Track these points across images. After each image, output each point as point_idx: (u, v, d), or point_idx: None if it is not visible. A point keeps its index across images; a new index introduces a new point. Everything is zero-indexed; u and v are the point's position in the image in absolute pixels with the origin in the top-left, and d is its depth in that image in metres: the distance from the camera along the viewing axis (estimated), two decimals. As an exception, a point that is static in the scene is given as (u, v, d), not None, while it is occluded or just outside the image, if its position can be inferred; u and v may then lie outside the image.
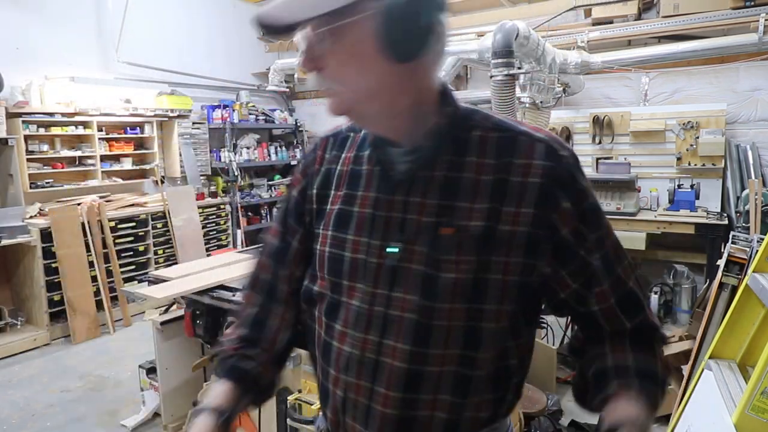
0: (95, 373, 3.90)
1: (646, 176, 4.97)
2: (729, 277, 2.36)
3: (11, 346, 4.25)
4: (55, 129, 4.78)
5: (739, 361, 1.62)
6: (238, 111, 6.38)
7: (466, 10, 5.84)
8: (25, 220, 4.46)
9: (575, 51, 4.33)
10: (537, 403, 2.89)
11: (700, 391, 1.67)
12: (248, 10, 7.13)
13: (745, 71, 4.66)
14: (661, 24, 4.54)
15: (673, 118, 4.80)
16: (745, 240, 2.66)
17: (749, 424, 1.28)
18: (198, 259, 3.38)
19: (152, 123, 5.54)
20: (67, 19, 5.11)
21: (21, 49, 4.79)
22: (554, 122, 5.18)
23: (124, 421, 3.16)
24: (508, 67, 2.80)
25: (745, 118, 4.71)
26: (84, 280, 4.62)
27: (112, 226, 4.94)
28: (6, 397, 3.55)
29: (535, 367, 3.12)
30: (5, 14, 4.69)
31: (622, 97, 5.26)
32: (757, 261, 1.59)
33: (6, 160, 4.48)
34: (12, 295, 4.73)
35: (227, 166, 6.21)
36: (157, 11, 5.94)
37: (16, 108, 4.50)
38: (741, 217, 4.02)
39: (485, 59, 3.80)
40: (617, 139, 5.09)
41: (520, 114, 3.23)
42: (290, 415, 2.11)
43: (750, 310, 1.62)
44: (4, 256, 4.61)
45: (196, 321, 2.57)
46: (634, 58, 4.36)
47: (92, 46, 5.33)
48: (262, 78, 7.02)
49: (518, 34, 2.87)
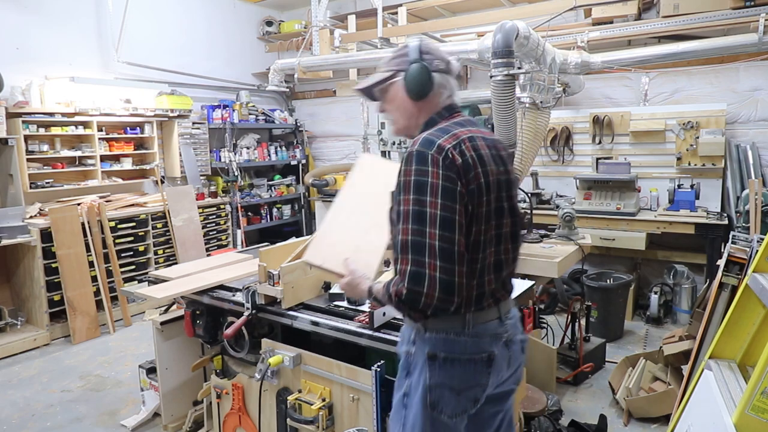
0: (95, 373, 3.90)
1: (646, 176, 4.97)
2: (729, 277, 2.36)
3: (11, 346, 4.25)
4: (55, 129, 4.78)
5: (739, 361, 1.62)
6: (238, 111, 6.39)
7: (466, 10, 5.84)
8: (25, 220, 4.46)
9: (575, 51, 4.33)
10: (537, 403, 2.89)
11: (700, 391, 1.67)
12: (248, 10, 7.14)
13: (745, 71, 4.67)
14: (661, 24, 4.54)
15: (673, 118, 4.81)
16: (745, 240, 2.66)
17: (749, 424, 1.28)
18: (198, 259, 3.38)
19: (152, 123, 5.54)
20: (67, 19, 5.12)
21: (21, 49, 4.80)
22: (554, 122, 5.18)
23: (124, 421, 3.16)
24: (508, 67, 2.79)
25: (745, 118, 4.71)
26: (84, 280, 4.62)
27: (112, 226, 4.94)
28: (6, 397, 3.55)
29: (535, 367, 3.12)
30: (5, 14, 4.69)
31: (622, 97, 5.26)
32: (757, 261, 1.59)
33: (6, 160, 4.48)
34: (12, 295, 4.73)
35: (227, 166, 6.21)
36: (157, 11, 5.94)
37: (16, 108, 4.51)
38: (741, 217, 4.02)
39: (485, 59, 3.80)
40: (617, 139, 5.09)
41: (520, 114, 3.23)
42: (290, 415, 2.11)
43: (750, 310, 1.62)
44: (4, 256, 4.61)
45: (196, 321, 2.57)
46: (634, 58, 4.36)
47: (92, 46, 5.34)
48: (262, 78, 7.01)
49: (518, 34, 2.87)
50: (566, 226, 3.56)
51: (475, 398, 1.48)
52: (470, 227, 1.40)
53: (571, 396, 3.40)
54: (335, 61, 5.17)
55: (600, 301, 4.26)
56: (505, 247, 1.52)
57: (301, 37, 6.66)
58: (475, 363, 1.45)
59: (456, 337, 1.44)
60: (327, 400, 2.04)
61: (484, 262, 1.45)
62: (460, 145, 1.40)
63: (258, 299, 2.23)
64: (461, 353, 1.44)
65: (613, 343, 4.17)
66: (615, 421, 3.08)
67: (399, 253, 1.37)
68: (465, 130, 1.46)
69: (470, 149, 1.41)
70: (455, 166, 1.36)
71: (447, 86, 1.55)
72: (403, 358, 1.53)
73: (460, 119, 1.54)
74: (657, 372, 3.27)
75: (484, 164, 1.43)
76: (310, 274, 2.26)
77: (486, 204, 1.43)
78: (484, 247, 1.44)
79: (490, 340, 1.47)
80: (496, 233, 1.47)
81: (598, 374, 3.66)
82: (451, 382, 1.44)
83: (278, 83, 5.69)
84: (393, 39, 5.41)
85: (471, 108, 5.53)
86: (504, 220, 1.50)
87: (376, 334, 1.92)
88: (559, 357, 3.54)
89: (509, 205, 1.52)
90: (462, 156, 1.38)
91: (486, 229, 1.44)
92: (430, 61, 1.51)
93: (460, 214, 1.35)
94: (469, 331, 1.45)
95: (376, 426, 1.84)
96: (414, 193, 1.35)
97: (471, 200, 1.39)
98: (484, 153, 1.45)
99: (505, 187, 1.50)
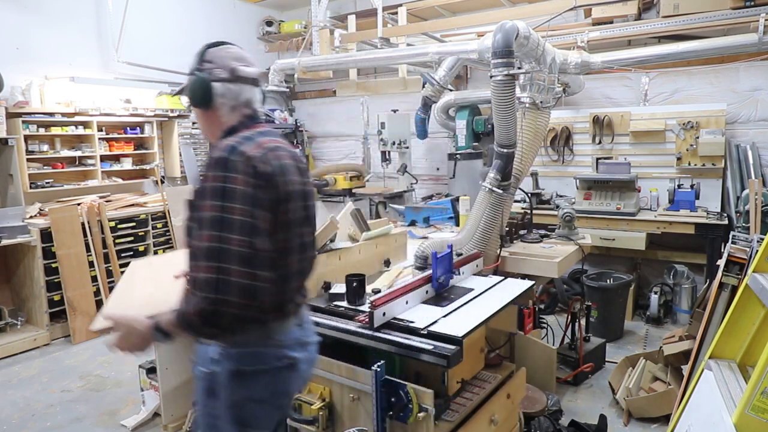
0: (95, 373, 3.90)
1: (646, 176, 4.97)
2: (729, 277, 2.36)
3: (11, 346, 4.25)
4: (55, 129, 4.78)
5: (739, 361, 1.62)
6: (238, 111, 6.37)
7: (466, 10, 5.84)
8: (25, 220, 4.46)
9: (575, 51, 4.33)
10: (537, 403, 2.89)
11: (700, 391, 1.67)
12: (248, 10, 7.14)
13: (745, 71, 4.66)
14: (661, 24, 4.54)
15: (673, 118, 4.80)
16: (745, 240, 2.66)
17: (749, 424, 1.28)
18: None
19: (152, 123, 5.54)
20: (67, 19, 5.11)
21: (21, 49, 4.80)
22: (554, 122, 5.18)
23: (124, 421, 3.16)
24: (508, 67, 2.79)
25: (745, 118, 4.71)
26: (84, 280, 4.62)
27: (112, 226, 4.94)
28: (6, 397, 3.55)
29: (535, 367, 3.12)
30: (5, 14, 4.69)
31: (622, 97, 5.26)
32: (757, 261, 1.59)
33: (6, 160, 4.48)
34: (12, 295, 4.73)
35: (227, 166, 6.19)
36: (157, 11, 5.94)
37: (16, 108, 4.51)
38: (741, 217, 4.02)
39: (485, 59, 3.80)
40: (617, 139, 5.09)
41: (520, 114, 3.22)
42: (290, 415, 2.11)
43: (750, 310, 1.62)
44: (4, 256, 4.61)
45: (196, 321, 2.57)
46: (634, 58, 4.35)
47: (92, 46, 5.33)
48: (262, 78, 7.00)
49: (518, 34, 2.87)
50: (566, 226, 3.56)
51: (282, 406, 1.54)
52: (277, 235, 1.40)
53: (571, 396, 3.40)
54: (335, 61, 5.17)
55: (600, 301, 4.26)
56: (308, 255, 1.57)
57: (301, 37, 6.65)
58: (280, 371, 1.46)
59: (262, 348, 1.44)
60: (327, 400, 2.04)
61: (290, 269, 1.48)
62: (266, 153, 1.41)
63: (258, 299, 2.22)
64: (267, 364, 1.44)
65: (613, 343, 4.17)
66: (615, 421, 3.07)
67: (197, 261, 1.32)
68: (268, 140, 1.47)
69: (275, 158, 1.43)
70: (259, 173, 1.36)
71: (232, 95, 1.52)
72: (205, 380, 1.49)
73: (264, 129, 1.54)
74: (657, 372, 3.27)
75: (288, 174, 1.45)
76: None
77: (291, 212, 1.45)
78: (290, 255, 1.47)
79: (293, 346, 1.50)
80: (300, 242, 1.50)
81: (598, 374, 3.66)
82: (260, 395, 1.45)
83: (278, 83, 5.69)
84: (393, 39, 5.41)
85: (471, 108, 5.53)
86: (306, 228, 1.54)
87: (376, 334, 1.92)
88: (559, 357, 3.54)
89: (307, 214, 1.55)
90: (267, 164, 1.38)
91: (291, 237, 1.46)
92: (210, 71, 1.51)
93: (263, 220, 1.36)
94: (273, 341, 1.46)
95: (376, 426, 1.84)
96: (216, 199, 1.32)
97: (276, 208, 1.40)
98: (287, 163, 1.47)
99: (305, 198, 1.54)
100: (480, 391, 2.14)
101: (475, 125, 5.46)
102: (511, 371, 2.37)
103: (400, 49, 4.97)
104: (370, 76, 6.78)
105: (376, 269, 2.69)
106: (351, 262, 2.48)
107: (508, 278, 2.54)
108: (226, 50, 1.56)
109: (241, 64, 1.54)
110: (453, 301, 2.19)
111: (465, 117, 5.46)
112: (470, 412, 2.04)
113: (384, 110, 5.94)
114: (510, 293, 2.30)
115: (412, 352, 1.82)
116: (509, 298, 2.24)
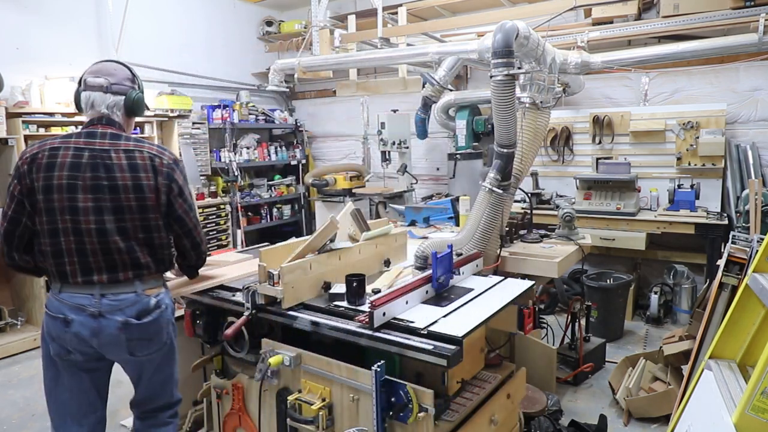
0: (95, 373, 3.89)
1: (646, 176, 4.97)
2: (729, 277, 2.36)
3: (11, 346, 4.25)
4: (55, 129, 4.77)
5: (739, 361, 1.62)
6: (238, 111, 6.39)
7: (466, 10, 5.84)
8: (25, 220, 4.45)
9: (575, 51, 4.32)
10: (537, 403, 2.89)
11: (700, 391, 1.67)
12: (248, 10, 7.14)
13: (745, 71, 4.67)
14: (661, 24, 4.54)
15: (673, 118, 4.81)
16: (745, 240, 2.66)
17: (749, 424, 1.28)
18: (198, 259, 3.37)
19: (152, 123, 5.54)
20: (67, 19, 5.12)
21: (21, 49, 4.80)
22: (554, 122, 5.18)
23: (124, 421, 3.16)
24: (508, 67, 2.78)
25: (745, 118, 4.71)
26: (84, 280, 4.61)
27: (112, 226, 4.93)
28: (6, 397, 3.55)
29: (535, 367, 3.12)
30: (5, 14, 4.69)
31: (622, 97, 5.26)
32: (757, 261, 1.59)
33: (6, 160, 4.48)
34: (12, 295, 4.73)
35: (227, 166, 6.21)
36: (157, 11, 5.94)
37: (16, 108, 4.51)
38: (741, 217, 4.02)
39: (485, 59, 3.80)
40: (617, 139, 5.09)
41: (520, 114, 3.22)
42: (290, 415, 2.11)
43: (750, 310, 1.62)
44: (4, 256, 4.61)
45: (196, 321, 2.58)
46: (634, 58, 4.35)
47: (92, 46, 5.34)
48: (262, 78, 7.01)
49: (518, 34, 2.86)
50: (566, 226, 3.56)
51: (58, 347, 1.93)
52: (33, 219, 1.87)
53: (571, 396, 3.41)
54: (335, 61, 5.17)
55: (600, 301, 4.26)
56: (89, 240, 1.86)
57: (301, 37, 6.65)
58: (55, 320, 1.89)
59: (51, 297, 1.93)
60: (327, 400, 2.04)
61: (57, 247, 1.86)
62: (38, 153, 1.85)
63: (258, 299, 2.22)
64: (49, 310, 1.92)
65: (613, 343, 4.17)
66: (615, 421, 3.08)
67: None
68: (63, 141, 1.88)
69: (45, 156, 1.84)
70: (17, 170, 1.85)
71: (83, 100, 1.98)
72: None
73: (86, 130, 1.93)
74: (657, 372, 3.27)
75: (52, 170, 1.83)
76: (310, 274, 2.26)
77: (46, 202, 1.84)
78: (54, 235, 1.85)
79: (71, 308, 1.88)
80: (73, 227, 1.84)
81: (598, 374, 3.66)
82: (47, 330, 1.94)
83: (278, 83, 5.68)
84: (393, 39, 5.41)
85: (471, 108, 5.54)
86: (80, 217, 1.85)
87: (376, 334, 1.92)
88: (559, 357, 3.54)
89: (95, 206, 1.85)
90: (28, 162, 1.84)
91: (50, 220, 1.84)
92: (82, 81, 2.04)
93: (11, 208, 1.87)
94: (56, 297, 1.91)
95: (376, 426, 1.84)
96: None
97: (28, 198, 1.85)
98: (63, 161, 1.84)
99: (87, 190, 1.85)
100: (480, 391, 2.14)
101: (475, 125, 5.46)
102: (511, 371, 2.37)
103: (400, 49, 4.97)
104: (370, 76, 6.79)
105: (376, 269, 2.69)
106: (351, 262, 2.48)
107: (508, 278, 2.54)
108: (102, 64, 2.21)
109: (90, 72, 2.07)
110: (453, 301, 2.19)
111: (465, 117, 5.46)
112: (470, 412, 2.04)
113: (384, 110, 5.94)
114: (510, 293, 2.30)
115: (412, 352, 1.82)
116: (509, 298, 2.24)
